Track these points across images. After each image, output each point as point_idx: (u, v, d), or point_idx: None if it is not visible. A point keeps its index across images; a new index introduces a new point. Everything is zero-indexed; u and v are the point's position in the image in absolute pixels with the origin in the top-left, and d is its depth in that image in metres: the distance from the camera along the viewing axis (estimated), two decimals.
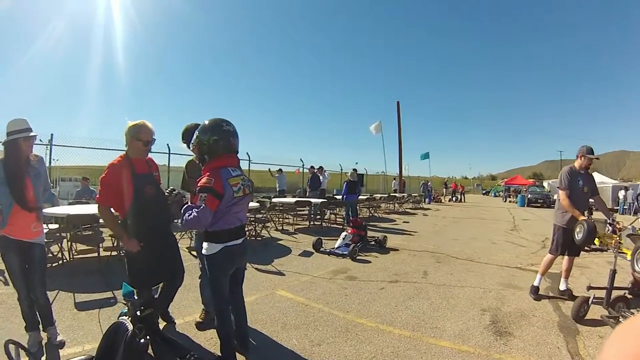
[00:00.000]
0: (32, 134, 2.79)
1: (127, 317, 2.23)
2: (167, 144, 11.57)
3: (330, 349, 2.88)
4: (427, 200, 24.88)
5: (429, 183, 27.71)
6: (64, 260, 5.27)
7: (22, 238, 2.72)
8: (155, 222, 2.91)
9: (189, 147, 3.05)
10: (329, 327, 3.30)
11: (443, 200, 28.93)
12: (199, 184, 2.40)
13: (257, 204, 8.34)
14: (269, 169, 14.45)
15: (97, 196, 2.89)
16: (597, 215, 5.80)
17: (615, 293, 3.83)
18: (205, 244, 2.54)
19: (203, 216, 2.29)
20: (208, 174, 2.44)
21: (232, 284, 2.68)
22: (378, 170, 27.70)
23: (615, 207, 19.92)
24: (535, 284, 4.53)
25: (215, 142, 2.48)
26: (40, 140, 9.47)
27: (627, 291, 4.08)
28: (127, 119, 2.95)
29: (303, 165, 17.19)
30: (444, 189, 34.21)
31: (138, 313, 2.21)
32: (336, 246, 6.87)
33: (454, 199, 30.41)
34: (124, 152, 2.95)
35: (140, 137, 2.88)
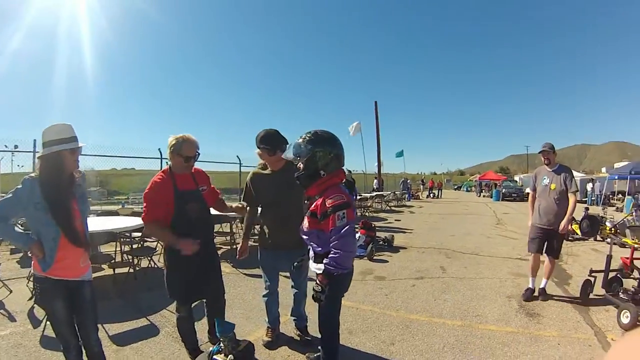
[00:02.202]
0: (80, 144, 2.33)
1: (223, 354, 2.36)
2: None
3: (404, 346, 3.41)
4: (407, 197, 26.00)
5: (409, 180, 28.94)
6: None
7: (69, 277, 2.32)
8: (197, 238, 2.78)
9: (271, 153, 3.04)
10: (391, 326, 3.85)
11: (421, 197, 30.25)
12: (332, 203, 2.27)
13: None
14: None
15: (143, 214, 2.84)
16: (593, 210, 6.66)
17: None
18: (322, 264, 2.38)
19: (353, 233, 2.31)
20: (333, 191, 2.35)
21: None
22: (357, 169, 28.61)
23: (584, 199, 21.69)
24: (529, 286, 4.79)
25: (336, 157, 2.41)
26: (6, 146, 9.30)
27: (618, 273, 4.97)
28: (170, 135, 2.85)
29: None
30: (421, 186, 35.74)
31: (238, 349, 2.36)
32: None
33: (431, 195, 31.86)
34: (168, 166, 2.95)
35: (181, 152, 2.80)
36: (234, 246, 7.17)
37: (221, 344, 2.43)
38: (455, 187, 56.30)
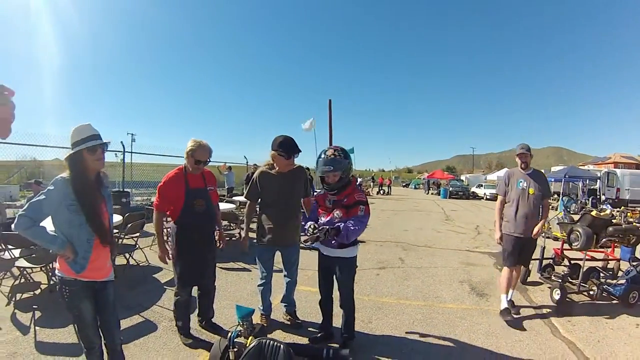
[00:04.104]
0: (97, 142, 2.37)
1: (243, 337, 2.64)
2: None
3: (380, 323, 4.04)
4: None
5: (359, 178, 30.13)
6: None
7: (98, 278, 2.44)
8: (202, 231, 3.48)
9: (286, 158, 3.51)
10: (365, 308, 4.44)
11: (371, 194, 31.56)
12: (360, 197, 3.19)
13: (233, 205, 9.15)
14: (218, 167, 15.18)
15: (155, 202, 3.46)
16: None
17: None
18: (349, 248, 3.24)
19: (367, 223, 3.19)
20: (357, 190, 3.27)
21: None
22: (309, 166, 29.27)
23: None
24: (503, 306, 4.26)
25: (351, 165, 3.31)
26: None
27: (552, 260, 5.99)
28: (192, 138, 3.37)
29: (247, 162, 18.02)
30: (371, 183, 37.22)
31: (256, 331, 2.70)
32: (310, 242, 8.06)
33: (381, 192, 33.34)
34: (183, 165, 3.44)
35: (195, 155, 3.31)
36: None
37: (239, 328, 2.75)
38: (404, 184, 58.97)
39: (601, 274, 5.27)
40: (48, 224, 2.33)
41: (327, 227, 3.07)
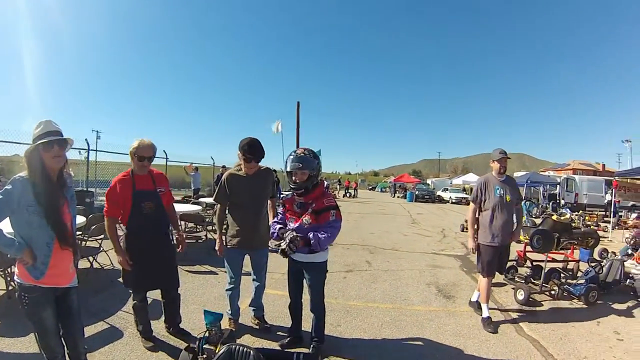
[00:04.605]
0: (53, 138, 2.20)
1: (212, 343, 2.61)
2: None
3: (349, 326, 4.02)
4: None
5: (326, 181, 30.25)
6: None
7: (60, 285, 2.31)
8: (152, 234, 3.33)
9: (255, 161, 3.53)
10: (334, 311, 4.37)
11: (337, 196, 31.76)
12: (330, 203, 3.15)
13: (199, 207, 8.93)
14: (184, 167, 14.88)
15: (104, 208, 3.30)
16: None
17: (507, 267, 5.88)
18: (319, 253, 3.18)
19: (340, 227, 3.17)
20: (326, 194, 3.27)
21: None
22: (275, 168, 29.14)
23: None
24: (485, 315, 4.17)
25: (320, 167, 3.27)
26: None
27: (515, 262, 6.19)
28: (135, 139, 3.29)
29: (214, 163, 17.72)
30: (338, 186, 37.46)
31: (224, 337, 2.66)
32: (283, 246, 8.00)
33: (347, 194, 33.59)
34: (130, 168, 3.34)
35: (137, 152, 3.23)
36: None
37: (207, 334, 2.69)
38: (370, 187, 59.83)
39: (562, 275, 5.51)
40: (5, 226, 2.19)
41: (298, 236, 3.01)
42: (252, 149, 3.51)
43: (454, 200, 28.94)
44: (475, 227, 4.43)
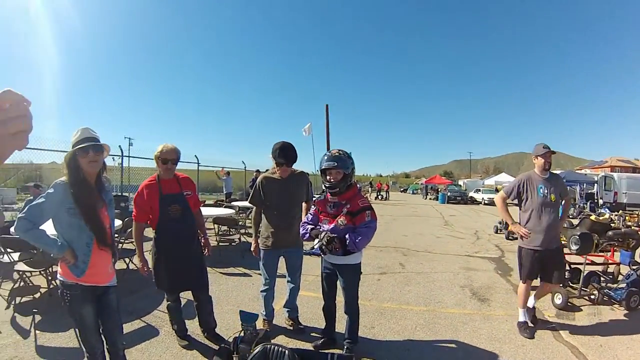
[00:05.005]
0: (88, 144, 2.27)
1: (247, 343, 2.60)
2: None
3: (382, 328, 4.00)
4: None
5: (358, 183, 30.13)
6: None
7: (99, 283, 2.41)
8: (179, 237, 3.35)
9: (287, 165, 3.56)
10: (367, 313, 4.37)
11: (369, 199, 31.49)
12: (365, 204, 3.14)
13: (232, 210, 9.11)
14: (216, 172, 15.15)
15: (133, 213, 3.39)
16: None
17: None
18: (353, 255, 3.16)
19: (375, 227, 3.14)
20: (360, 195, 3.24)
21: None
22: (307, 171, 29.33)
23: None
24: (521, 319, 3.99)
25: (354, 168, 3.24)
26: None
27: None
28: (152, 142, 3.54)
29: (245, 167, 18.02)
30: (369, 188, 37.21)
31: (259, 337, 2.67)
32: (316, 246, 8.06)
33: (379, 197, 33.32)
34: (157, 174, 3.38)
35: (161, 156, 3.26)
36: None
37: (242, 333, 2.73)
38: (402, 189, 59.04)
39: (602, 278, 5.25)
40: (49, 227, 2.31)
41: (335, 237, 3.00)
42: (283, 153, 3.54)
43: (486, 202, 28.06)
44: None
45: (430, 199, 35.64)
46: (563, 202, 4.10)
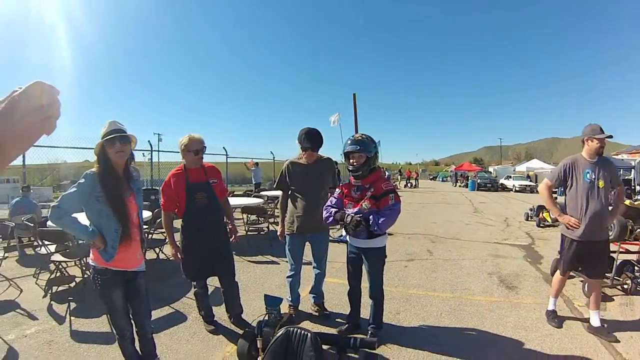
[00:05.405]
0: (115, 135, 2.36)
1: (271, 326, 2.66)
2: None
3: (408, 314, 3.99)
4: None
5: (387, 172, 29.83)
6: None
7: (128, 268, 2.49)
8: (206, 224, 3.37)
9: (312, 150, 3.57)
10: (393, 299, 4.37)
11: (399, 187, 31.19)
12: (389, 187, 3.10)
13: (260, 200, 9.19)
14: (245, 163, 15.29)
15: (161, 203, 3.44)
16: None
17: None
18: (378, 238, 3.17)
19: (399, 210, 3.09)
20: (383, 179, 3.21)
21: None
22: (336, 159, 29.31)
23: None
24: (550, 308, 3.84)
25: (377, 152, 3.23)
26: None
27: None
28: (180, 137, 3.39)
29: (274, 157, 18.17)
30: (399, 176, 36.78)
31: (283, 320, 2.73)
32: (344, 234, 8.07)
33: (408, 185, 32.89)
34: (183, 164, 3.43)
35: (190, 148, 3.30)
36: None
37: (266, 317, 2.77)
38: (431, 177, 57.95)
39: (636, 268, 4.99)
40: (83, 217, 2.43)
41: (360, 218, 3.00)
42: (309, 138, 3.55)
43: (517, 189, 27.05)
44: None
45: (460, 186, 34.80)
46: (615, 191, 3.67)
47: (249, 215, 7.97)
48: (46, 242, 4.79)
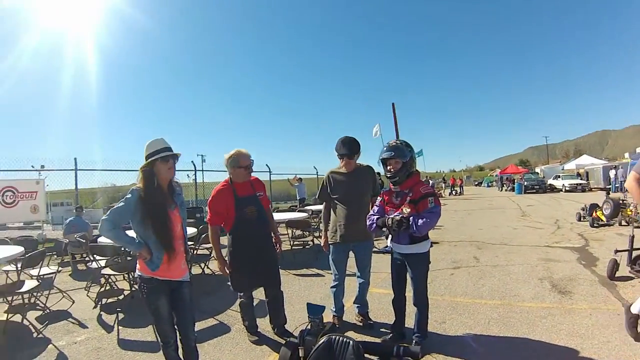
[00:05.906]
0: (170, 153, 2.49)
1: (313, 335, 2.57)
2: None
3: (454, 323, 3.82)
4: None
5: (431, 180, 29.10)
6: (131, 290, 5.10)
7: (173, 278, 2.53)
8: (255, 237, 3.37)
9: (348, 157, 3.56)
10: (439, 308, 4.21)
11: (443, 195, 30.27)
12: (427, 190, 3.07)
13: (305, 214, 9.25)
14: (288, 179, 15.40)
15: (207, 217, 3.43)
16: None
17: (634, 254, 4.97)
18: (420, 244, 3.12)
19: (439, 213, 3.04)
20: (422, 183, 3.17)
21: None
22: (380, 170, 28.98)
23: (607, 187, 21.44)
24: (635, 311, 3.14)
25: (414, 157, 3.17)
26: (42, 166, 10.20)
27: None
28: (225, 154, 3.39)
29: (317, 172, 18.25)
30: (443, 184, 35.75)
31: (326, 329, 2.64)
32: (389, 244, 7.94)
33: (453, 192, 31.84)
34: (228, 177, 3.41)
35: (240, 164, 3.29)
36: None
37: (309, 326, 2.75)
38: (476, 183, 55.70)
39: None
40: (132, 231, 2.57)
41: (402, 218, 2.96)
42: (344, 145, 3.54)
43: (567, 188, 25.23)
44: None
45: (506, 190, 33.08)
46: None
47: (294, 230, 8.02)
48: (97, 257, 5.12)
